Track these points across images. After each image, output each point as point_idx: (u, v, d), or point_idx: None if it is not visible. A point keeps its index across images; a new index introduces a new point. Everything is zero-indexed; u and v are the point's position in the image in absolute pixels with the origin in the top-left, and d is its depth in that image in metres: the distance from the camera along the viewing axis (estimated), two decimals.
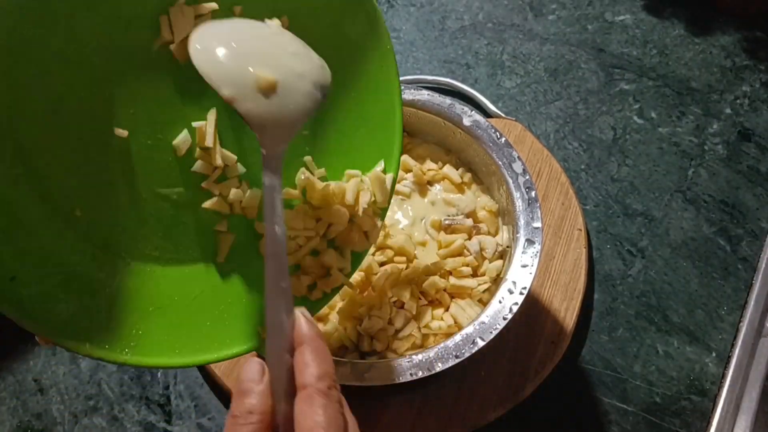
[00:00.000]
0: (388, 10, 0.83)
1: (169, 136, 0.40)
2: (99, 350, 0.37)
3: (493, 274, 0.53)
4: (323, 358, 0.32)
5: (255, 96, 0.36)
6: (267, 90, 0.36)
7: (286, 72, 0.37)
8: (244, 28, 0.39)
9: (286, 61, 0.38)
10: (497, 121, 0.68)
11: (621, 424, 0.54)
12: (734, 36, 0.77)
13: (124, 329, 0.38)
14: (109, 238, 0.39)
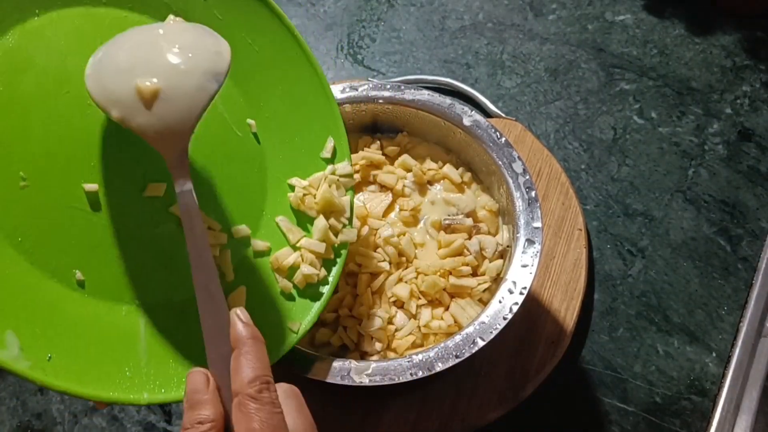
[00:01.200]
0: (388, 9, 0.83)
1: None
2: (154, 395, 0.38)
3: (493, 273, 0.53)
4: (256, 360, 0.32)
5: (140, 109, 0.36)
6: (150, 99, 0.36)
7: (168, 73, 0.36)
8: (135, 37, 0.39)
9: (171, 60, 0.37)
10: (497, 120, 0.68)
11: (621, 424, 0.54)
12: (734, 36, 0.77)
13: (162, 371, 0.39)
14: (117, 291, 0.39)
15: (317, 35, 0.81)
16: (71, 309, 0.37)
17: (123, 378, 0.37)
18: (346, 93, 0.59)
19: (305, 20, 0.83)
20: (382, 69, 0.77)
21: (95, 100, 0.36)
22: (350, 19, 0.82)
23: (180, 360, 0.39)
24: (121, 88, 0.36)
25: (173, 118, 0.36)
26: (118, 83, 0.36)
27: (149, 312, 0.40)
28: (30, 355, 0.34)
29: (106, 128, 0.40)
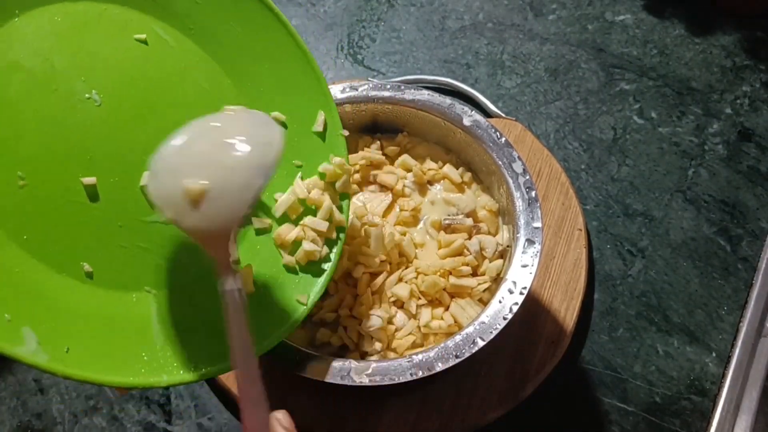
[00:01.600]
0: (389, 10, 0.83)
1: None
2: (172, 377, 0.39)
3: (493, 273, 0.53)
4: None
5: (189, 210, 0.36)
6: (197, 200, 0.35)
7: (215, 171, 0.36)
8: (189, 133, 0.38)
9: (218, 157, 0.36)
10: (497, 120, 0.68)
11: (621, 424, 0.54)
12: (734, 36, 0.77)
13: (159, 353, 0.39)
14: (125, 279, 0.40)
15: (317, 35, 0.81)
16: (83, 301, 0.38)
17: (141, 363, 0.38)
18: (346, 93, 0.59)
19: (305, 20, 0.83)
20: (382, 69, 0.77)
21: (153, 201, 0.36)
22: (350, 19, 0.82)
23: (194, 342, 0.40)
24: (172, 189, 0.36)
25: (219, 218, 0.36)
26: (170, 184, 0.36)
27: (159, 297, 0.41)
28: (48, 348, 0.35)
29: (98, 121, 0.40)
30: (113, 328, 0.38)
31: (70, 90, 0.39)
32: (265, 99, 0.48)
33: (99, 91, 0.41)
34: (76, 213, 0.39)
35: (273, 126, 0.39)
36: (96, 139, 0.40)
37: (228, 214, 0.36)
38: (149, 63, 0.43)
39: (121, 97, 0.41)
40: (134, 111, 0.42)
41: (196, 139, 0.38)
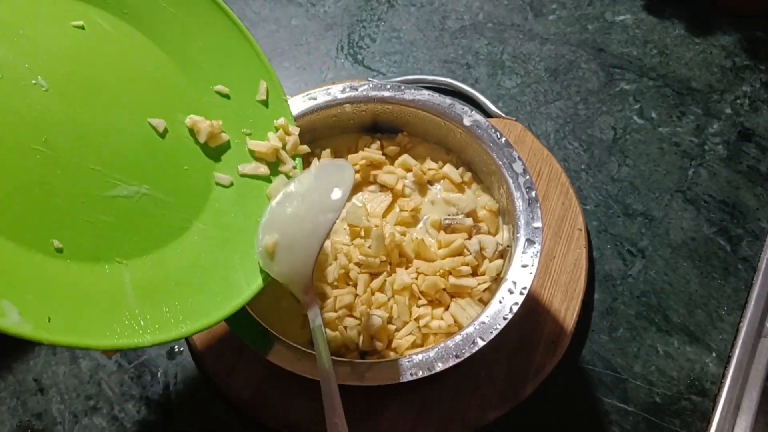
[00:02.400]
0: (389, 10, 0.83)
1: None
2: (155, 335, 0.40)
3: (493, 273, 0.53)
4: None
5: (270, 263, 0.43)
6: (271, 253, 0.43)
7: (286, 223, 0.43)
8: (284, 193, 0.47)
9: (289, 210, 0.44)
10: (497, 121, 0.68)
11: (621, 424, 0.54)
12: (734, 36, 0.77)
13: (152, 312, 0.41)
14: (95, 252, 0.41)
15: (317, 35, 0.81)
16: (57, 274, 0.39)
17: (123, 325, 0.39)
18: (346, 93, 0.59)
19: (305, 20, 0.83)
20: (382, 69, 0.77)
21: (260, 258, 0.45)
22: (350, 19, 0.82)
23: (170, 303, 0.42)
24: (261, 245, 0.44)
25: (295, 263, 0.42)
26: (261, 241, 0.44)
27: (130, 266, 0.42)
28: (30, 319, 0.36)
29: (48, 105, 0.41)
30: (91, 297, 0.39)
31: (17, 76, 0.40)
32: (206, 74, 0.50)
33: (44, 76, 0.41)
34: (38, 193, 0.39)
35: (345, 170, 0.44)
36: (48, 121, 0.41)
37: (301, 259, 0.42)
38: (89, 48, 0.44)
39: (66, 81, 0.42)
40: (81, 93, 0.43)
41: (286, 199, 0.46)
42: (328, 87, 0.59)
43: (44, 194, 0.40)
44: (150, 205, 0.44)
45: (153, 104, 0.46)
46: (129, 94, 0.45)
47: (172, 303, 0.42)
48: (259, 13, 0.83)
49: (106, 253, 0.41)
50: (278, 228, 0.44)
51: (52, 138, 0.41)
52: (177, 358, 0.58)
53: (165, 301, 0.42)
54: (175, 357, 0.58)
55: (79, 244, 0.40)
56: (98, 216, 0.41)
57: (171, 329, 0.41)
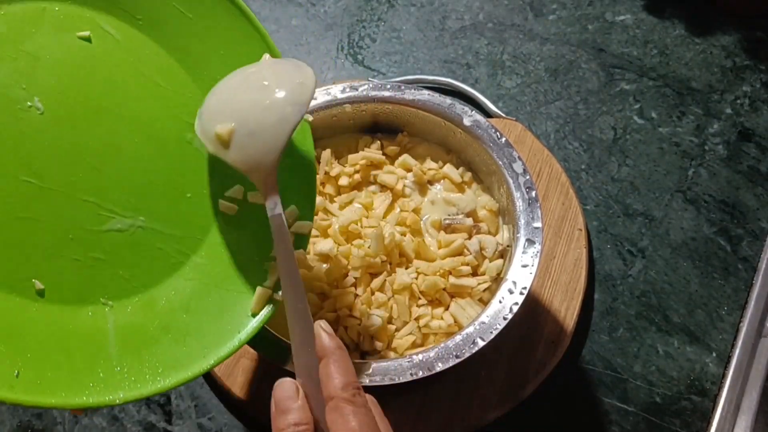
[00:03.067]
0: (389, 10, 0.83)
1: None
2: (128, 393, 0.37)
3: (493, 273, 0.53)
4: (345, 368, 0.35)
5: (221, 149, 0.40)
6: (225, 141, 0.40)
7: (249, 111, 0.40)
8: (230, 81, 0.42)
9: (253, 97, 0.40)
10: (497, 121, 0.68)
11: (621, 425, 0.54)
12: (735, 36, 0.77)
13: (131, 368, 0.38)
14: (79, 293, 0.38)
15: (317, 35, 0.81)
16: (34, 320, 0.36)
17: (97, 380, 0.37)
18: (346, 93, 0.59)
19: (305, 20, 0.83)
20: (383, 69, 0.77)
21: (200, 139, 0.41)
22: (350, 20, 0.82)
23: (154, 351, 0.39)
24: (210, 131, 0.40)
25: (257, 151, 0.40)
26: (209, 126, 0.40)
27: (116, 308, 0.39)
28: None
29: (41, 131, 0.39)
30: (67, 345, 0.37)
31: (11, 99, 0.38)
32: None
33: (41, 98, 0.39)
34: (22, 229, 0.37)
35: (304, 68, 0.42)
36: (41, 149, 0.38)
37: (266, 147, 0.40)
38: (95, 61, 0.41)
39: (65, 101, 0.39)
40: (80, 115, 0.40)
41: (234, 86, 0.41)
42: (328, 87, 0.59)
43: (30, 230, 0.37)
44: (145, 239, 0.41)
45: (159, 122, 0.42)
46: (133, 111, 0.41)
47: (155, 351, 0.39)
48: (258, 13, 0.83)
49: (92, 294, 0.38)
50: (234, 114, 0.40)
51: (44, 168, 0.38)
52: None
53: (148, 348, 0.39)
54: None
55: (62, 286, 0.38)
56: (87, 253, 0.39)
57: (147, 383, 0.38)
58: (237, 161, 0.40)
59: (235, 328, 0.41)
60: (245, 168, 0.40)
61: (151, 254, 0.41)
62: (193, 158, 0.43)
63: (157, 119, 0.42)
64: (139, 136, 0.42)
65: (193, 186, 0.43)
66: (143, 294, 0.40)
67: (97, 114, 0.40)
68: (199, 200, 0.43)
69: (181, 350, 0.39)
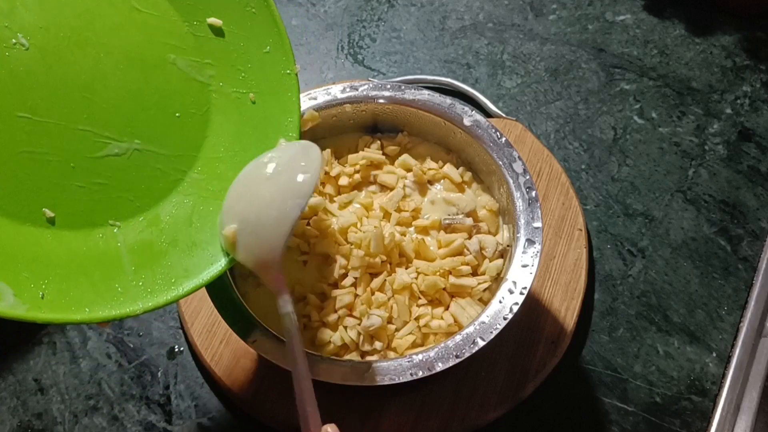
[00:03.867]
0: (389, 9, 0.83)
1: None
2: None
3: (493, 273, 0.53)
4: None
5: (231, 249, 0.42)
6: (232, 243, 0.42)
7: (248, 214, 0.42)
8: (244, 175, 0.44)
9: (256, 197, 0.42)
10: (497, 120, 0.68)
11: (621, 424, 0.54)
12: (735, 36, 0.77)
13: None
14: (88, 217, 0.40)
15: (317, 35, 0.81)
16: (50, 246, 0.39)
17: (115, 294, 0.39)
18: (346, 93, 0.59)
19: (305, 20, 0.83)
20: (383, 69, 0.77)
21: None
22: (350, 19, 0.82)
23: (165, 263, 0.42)
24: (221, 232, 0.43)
25: (261, 250, 0.41)
26: (220, 228, 0.43)
27: (124, 227, 0.42)
28: (24, 298, 0.36)
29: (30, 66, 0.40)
30: (84, 267, 0.39)
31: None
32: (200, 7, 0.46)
33: (25, 33, 0.39)
34: (26, 162, 0.39)
35: (311, 152, 0.43)
36: (33, 84, 0.40)
37: (268, 246, 0.41)
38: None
39: (48, 35, 0.40)
40: (64, 47, 0.41)
41: (245, 180, 0.44)
42: (329, 87, 0.59)
43: (33, 163, 0.39)
44: (142, 161, 0.43)
45: (141, 47, 0.43)
46: (115, 38, 0.42)
47: (166, 263, 0.42)
48: None
49: (100, 217, 0.41)
50: (240, 213, 0.42)
51: (38, 102, 0.40)
52: (177, 358, 0.58)
53: (159, 261, 0.42)
54: (175, 357, 0.58)
55: (71, 212, 0.40)
56: (90, 179, 0.41)
57: (163, 293, 0.41)
58: (245, 261, 0.42)
59: None
60: (254, 267, 0.42)
61: (151, 174, 0.43)
62: (177, 79, 0.45)
63: (139, 44, 0.43)
64: (123, 63, 0.43)
65: (181, 106, 0.45)
66: (147, 212, 0.42)
67: (81, 45, 0.41)
68: (188, 119, 0.45)
69: (190, 260, 0.42)
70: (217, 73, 0.46)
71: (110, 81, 0.42)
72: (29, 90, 0.39)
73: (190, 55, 0.45)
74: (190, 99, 0.45)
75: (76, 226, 0.40)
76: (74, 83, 0.41)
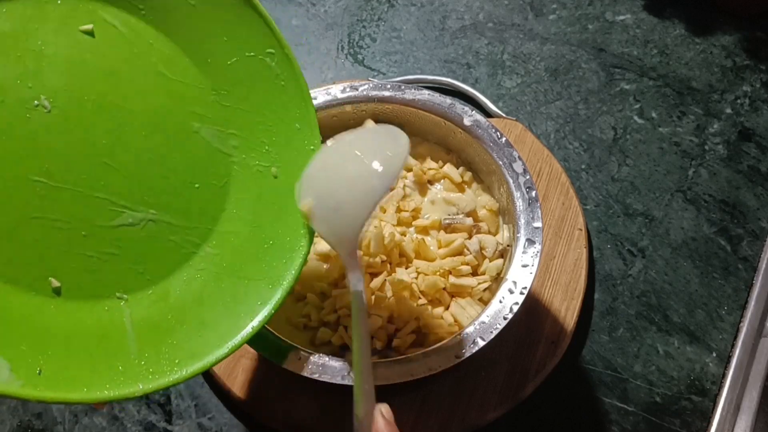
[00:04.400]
0: (389, 9, 0.83)
1: None
2: None
3: (493, 272, 0.53)
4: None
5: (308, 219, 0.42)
6: (308, 217, 0.42)
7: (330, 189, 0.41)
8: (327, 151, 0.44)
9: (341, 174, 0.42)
10: (498, 120, 0.68)
11: (621, 424, 0.54)
12: (735, 36, 0.77)
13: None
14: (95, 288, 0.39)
15: (317, 35, 0.81)
16: (53, 318, 0.37)
17: (116, 374, 0.37)
18: (346, 93, 0.59)
19: (305, 20, 0.83)
20: (383, 69, 0.77)
21: None
22: (350, 19, 0.82)
23: (169, 343, 0.40)
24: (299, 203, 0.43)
25: (341, 225, 0.41)
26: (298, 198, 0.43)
27: (132, 301, 0.40)
28: (20, 374, 0.34)
29: (50, 129, 0.39)
30: (86, 341, 0.37)
31: (18, 99, 0.38)
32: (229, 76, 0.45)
33: (48, 95, 0.39)
34: (36, 228, 0.37)
35: (400, 138, 0.42)
36: (51, 147, 0.38)
37: (349, 222, 0.40)
38: (99, 55, 0.40)
39: (71, 98, 0.39)
40: (87, 111, 0.40)
41: (329, 156, 0.43)
42: (329, 87, 0.59)
43: (43, 230, 0.38)
44: (156, 232, 0.41)
45: (166, 114, 0.42)
46: (139, 103, 0.41)
47: (172, 342, 0.40)
48: None
49: (107, 289, 0.39)
50: (322, 186, 0.42)
51: (55, 166, 0.38)
52: None
53: (165, 340, 0.40)
54: None
55: (78, 282, 0.38)
56: (101, 249, 0.39)
57: (165, 374, 0.39)
58: (323, 234, 0.42)
59: (247, 315, 0.42)
60: (331, 240, 0.41)
61: (163, 246, 0.41)
62: (199, 148, 0.43)
63: (164, 110, 0.42)
64: (146, 129, 0.41)
65: (201, 176, 0.43)
66: (157, 286, 0.41)
67: (104, 109, 0.40)
68: (207, 190, 0.43)
69: (197, 341, 0.40)
70: (241, 144, 0.44)
71: (131, 147, 0.41)
72: (47, 153, 0.38)
73: (216, 124, 0.43)
74: (210, 169, 0.43)
75: (82, 298, 0.38)
76: (94, 148, 0.39)
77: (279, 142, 0.45)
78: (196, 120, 0.43)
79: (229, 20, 0.44)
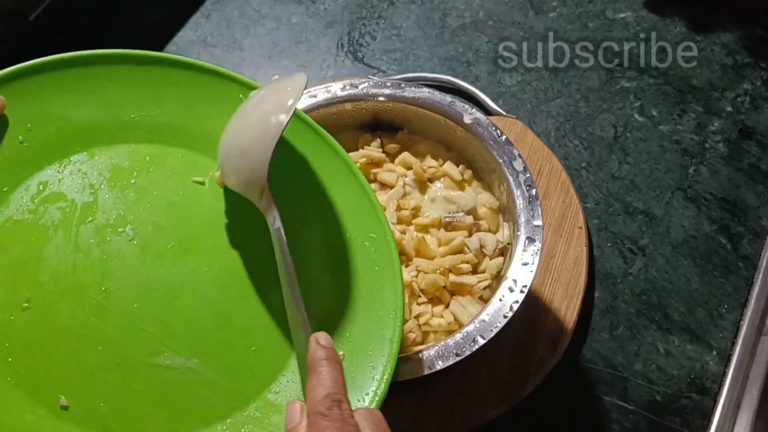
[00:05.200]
0: (389, 7, 0.83)
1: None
2: None
3: (493, 271, 0.53)
4: (328, 379, 0.33)
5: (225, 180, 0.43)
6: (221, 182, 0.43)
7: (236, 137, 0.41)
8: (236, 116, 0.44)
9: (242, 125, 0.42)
10: (498, 118, 0.68)
11: (621, 423, 0.54)
12: (735, 34, 0.77)
13: None
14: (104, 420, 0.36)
15: (317, 33, 0.81)
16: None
17: None
18: (346, 91, 0.58)
19: (305, 18, 0.82)
20: (383, 67, 0.77)
21: None
22: (350, 17, 0.82)
23: None
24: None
25: (247, 169, 0.40)
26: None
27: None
28: None
29: (124, 256, 0.39)
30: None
31: (107, 222, 0.40)
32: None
33: (135, 226, 0.40)
34: (74, 342, 0.37)
35: (297, 76, 0.42)
36: (118, 272, 0.39)
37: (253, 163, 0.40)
38: (200, 205, 0.42)
39: (156, 235, 0.40)
40: (166, 251, 0.40)
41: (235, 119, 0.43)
42: (329, 85, 0.59)
43: (80, 345, 0.37)
44: (192, 382, 0.38)
45: (243, 274, 0.41)
46: (222, 257, 0.41)
47: None
48: (258, 10, 0.83)
49: (117, 426, 0.36)
50: (228, 145, 0.42)
51: (115, 289, 0.38)
52: None
53: None
54: None
55: (89, 408, 0.36)
56: (127, 382, 0.37)
57: None
58: (234, 185, 0.41)
59: None
60: (242, 189, 0.41)
61: (195, 399, 0.38)
62: (269, 313, 0.41)
63: (242, 271, 0.42)
64: (220, 282, 0.41)
65: (261, 341, 0.40)
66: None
67: (183, 253, 0.41)
68: (263, 357, 0.40)
69: None
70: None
71: (197, 294, 0.40)
72: (112, 275, 0.38)
73: None
74: (275, 339, 0.41)
75: (88, 426, 0.36)
76: (159, 284, 0.39)
77: (358, 330, 0.42)
78: (275, 288, 0.40)
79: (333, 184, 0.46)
